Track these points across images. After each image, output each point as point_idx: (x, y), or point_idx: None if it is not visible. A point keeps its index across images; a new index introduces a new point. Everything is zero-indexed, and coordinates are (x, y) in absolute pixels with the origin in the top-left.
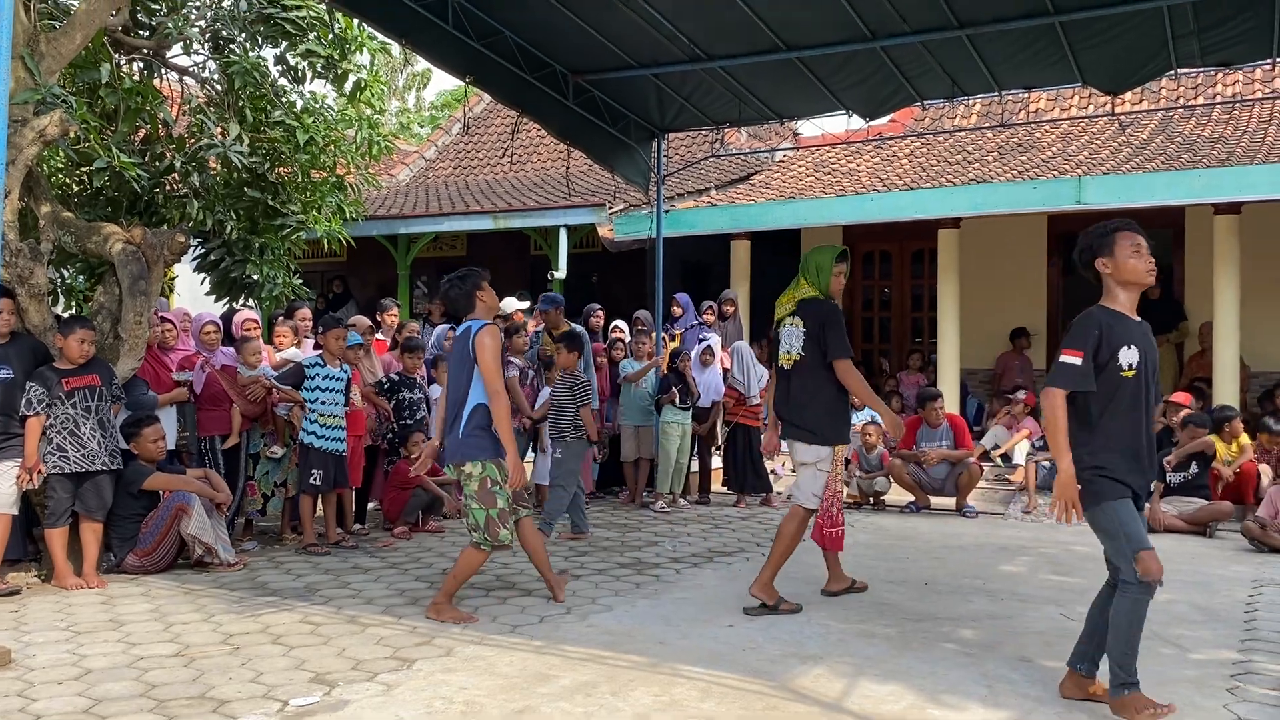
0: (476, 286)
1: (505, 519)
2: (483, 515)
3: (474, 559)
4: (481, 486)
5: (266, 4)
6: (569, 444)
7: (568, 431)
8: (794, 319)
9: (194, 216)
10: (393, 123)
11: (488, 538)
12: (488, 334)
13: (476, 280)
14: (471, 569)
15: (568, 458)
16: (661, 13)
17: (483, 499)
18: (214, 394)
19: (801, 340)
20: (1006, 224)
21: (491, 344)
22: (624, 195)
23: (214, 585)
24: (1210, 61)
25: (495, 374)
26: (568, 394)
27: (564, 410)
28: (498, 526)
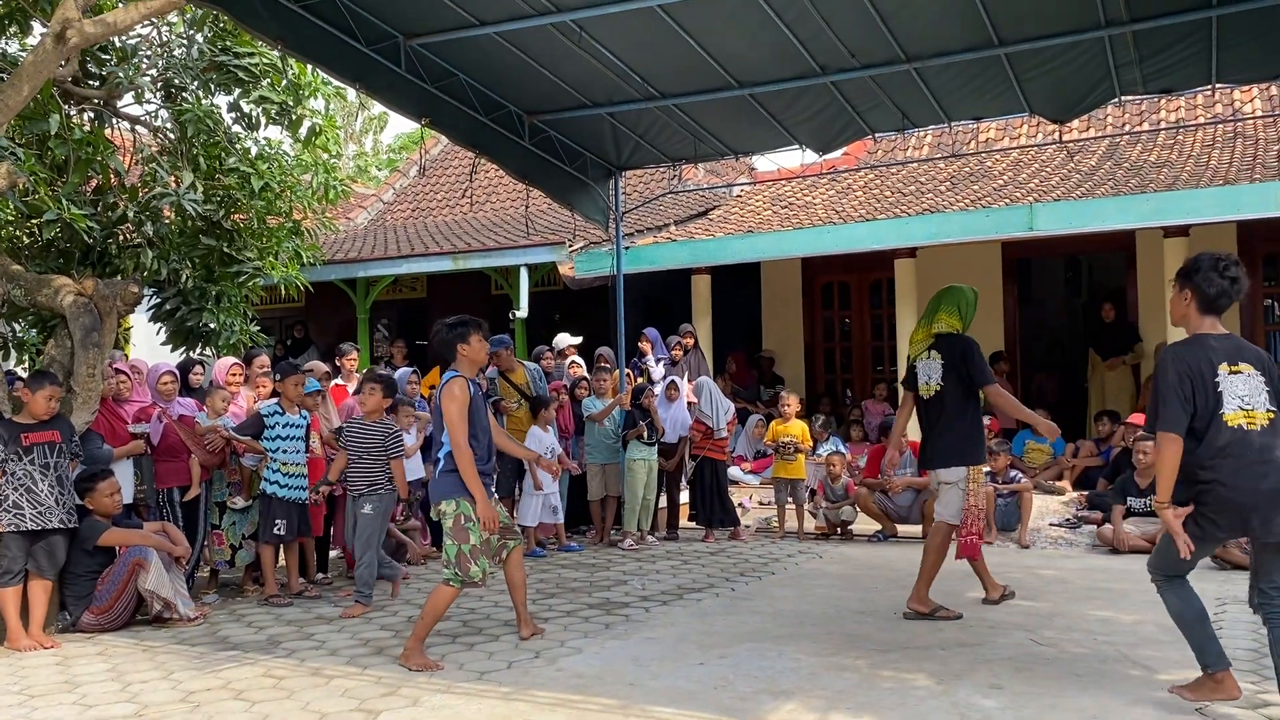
0: (460, 339)
1: (477, 555)
2: (454, 550)
3: (444, 595)
4: (455, 523)
5: (218, 52)
6: (381, 498)
7: (381, 484)
8: (931, 353)
9: (148, 266)
10: (350, 166)
11: (458, 573)
12: (453, 386)
13: (462, 332)
14: (441, 607)
15: (377, 515)
16: (614, 53)
17: (455, 534)
18: (171, 445)
19: (940, 372)
20: (962, 252)
21: (456, 396)
22: (584, 233)
23: (173, 641)
24: (1152, 89)
25: (455, 427)
26: (379, 443)
27: (374, 462)
28: (468, 562)
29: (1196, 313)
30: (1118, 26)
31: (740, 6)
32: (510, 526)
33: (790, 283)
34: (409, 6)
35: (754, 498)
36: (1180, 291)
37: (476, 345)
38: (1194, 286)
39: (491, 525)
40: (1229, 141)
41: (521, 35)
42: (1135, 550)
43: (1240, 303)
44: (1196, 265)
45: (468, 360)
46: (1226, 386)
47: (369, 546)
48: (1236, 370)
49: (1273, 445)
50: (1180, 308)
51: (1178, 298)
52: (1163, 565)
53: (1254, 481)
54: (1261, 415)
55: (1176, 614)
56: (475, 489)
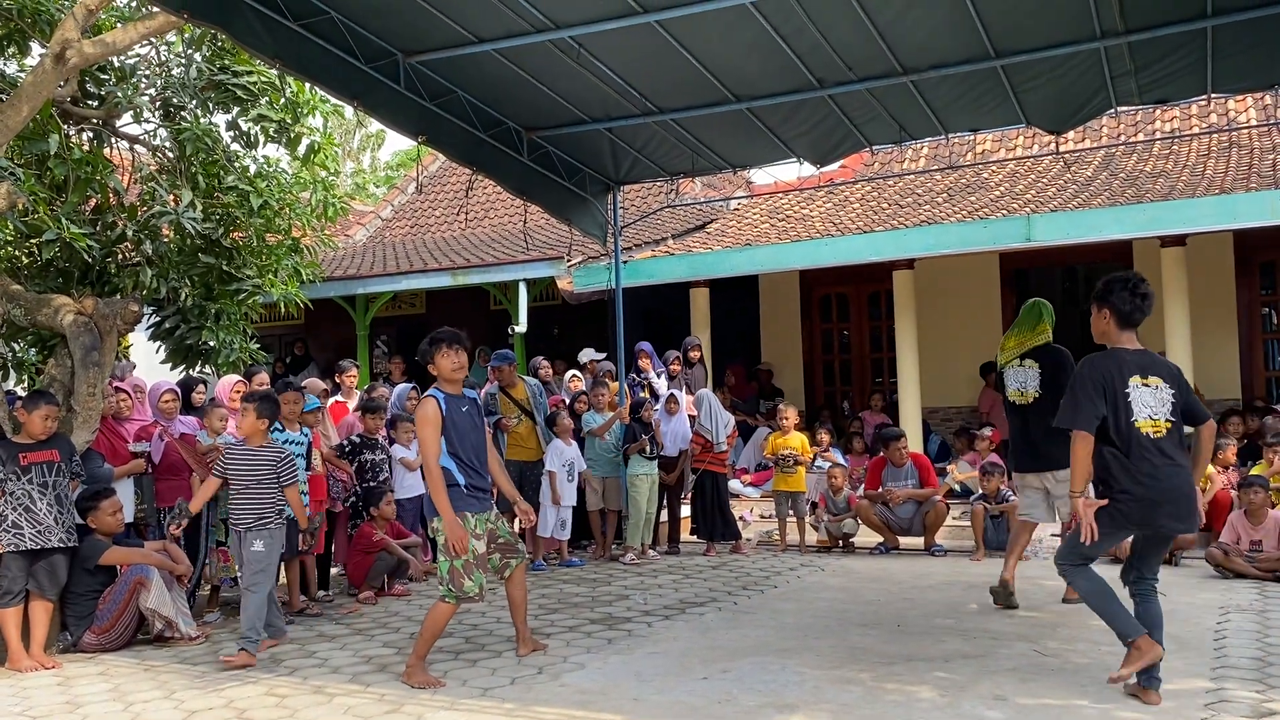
0: (427, 359)
1: (471, 570)
2: (447, 566)
3: (442, 612)
4: (445, 541)
5: (217, 70)
6: (271, 533)
7: (271, 518)
8: (1026, 361)
9: (148, 285)
10: (348, 184)
11: (452, 589)
12: (425, 407)
13: (428, 351)
14: (439, 624)
15: (269, 552)
16: (612, 68)
17: (446, 551)
18: (173, 463)
19: (1037, 380)
20: (959, 263)
21: (429, 417)
22: (581, 247)
23: (175, 660)
24: (1148, 99)
25: (425, 444)
26: (268, 471)
27: (263, 492)
28: (461, 577)
29: (1115, 329)
30: (1113, 38)
31: (737, 21)
32: (512, 544)
33: (788, 295)
34: (408, 24)
35: (755, 511)
36: (1100, 310)
37: (443, 363)
38: (1111, 306)
39: (459, 547)
40: (1224, 151)
41: (520, 52)
42: None
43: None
44: (1111, 286)
45: (439, 373)
46: (1136, 397)
47: (256, 588)
48: (1147, 383)
49: (1172, 451)
50: (1100, 325)
51: (1097, 316)
52: (1071, 556)
53: (1157, 483)
54: (1163, 424)
55: (1086, 594)
56: (442, 508)
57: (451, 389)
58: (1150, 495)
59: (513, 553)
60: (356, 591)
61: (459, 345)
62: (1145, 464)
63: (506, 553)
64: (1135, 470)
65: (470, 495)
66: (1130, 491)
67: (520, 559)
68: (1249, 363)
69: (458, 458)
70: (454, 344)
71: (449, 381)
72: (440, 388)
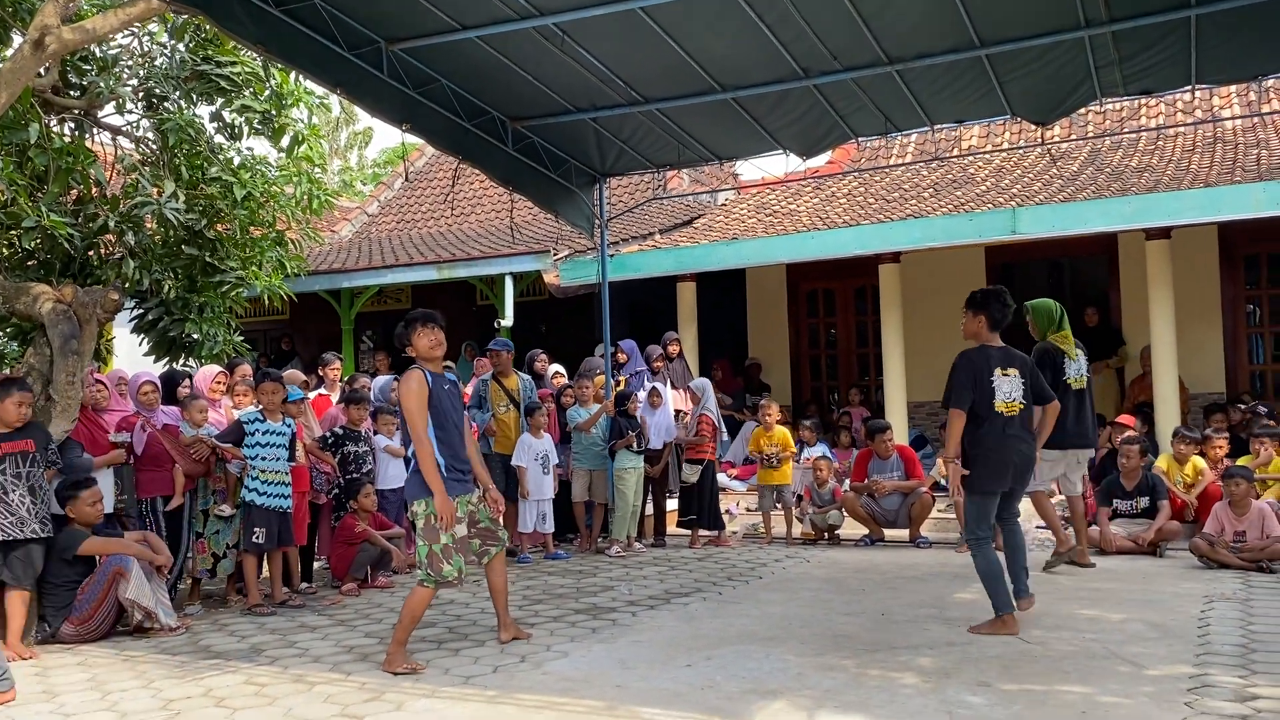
0: (410, 331)
1: (450, 554)
2: (425, 550)
3: (420, 596)
4: (426, 523)
5: (200, 61)
6: None
7: None
8: (1079, 352)
9: (130, 276)
10: (335, 181)
11: (430, 573)
12: (410, 378)
13: (413, 326)
14: (418, 609)
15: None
16: (597, 57)
17: (426, 534)
18: (155, 454)
19: (1087, 367)
20: (945, 257)
21: (413, 387)
22: (568, 241)
23: (154, 651)
24: (1132, 90)
25: (413, 417)
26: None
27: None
28: (440, 561)
29: (985, 331)
30: (1097, 27)
31: (722, 9)
32: (493, 530)
33: (775, 290)
34: (391, 11)
35: (741, 504)
36: (975, 316)
37: (420, 341)
38: (986, 313)
39: (448, 521)
40: (1209, 145)
41: (504, 39)
42: (1121, 551)
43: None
44: (986, 299)
45: (418, 352)
46: (998, 384)
47: None
48: (1006, 374)
49: (1020, 428)
50: (974, 327)
51: (972, 320)
52: (973, 527)
53: (1009, 451)
54: (1016, 405)
55: (984, 570)
56: (433, 482)
57: (432, 367)
58: (1003, 460)
59: (493, 539)
60: (339, 583)
61: (434, 323)
62: (1000, 436)
63: (487, 538)
64: (993, 441)
65: (451, 476)
66: (988, 458)
67: (501, 545)
68: (1233, 356)
69: (439, 437)
70: (429, 322)
71: (428, 360)
72: (421, 366)
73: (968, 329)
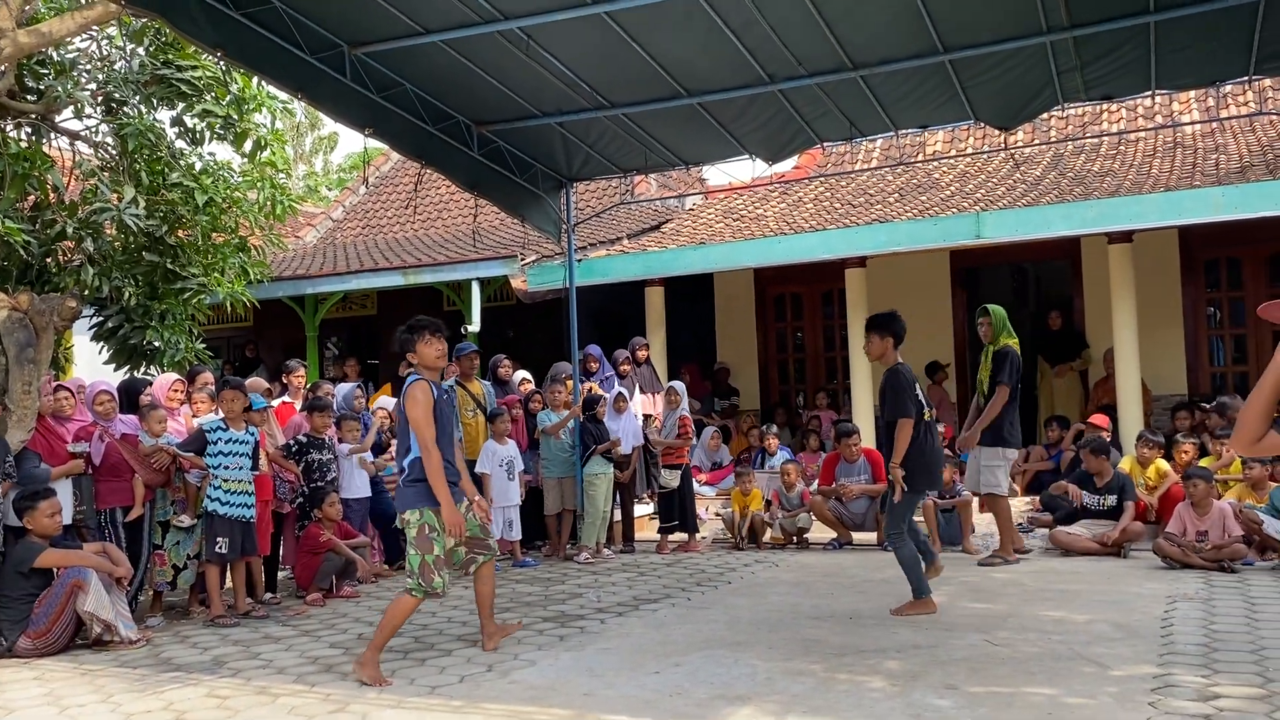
0: (408, 346)
1: (440, 566)
2: (417, 560)
3: (405, 605)
4: (420, 533)
5: (160, 65)
6: None
7: None
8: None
9: (89, 283)
10: (299, 186)
11: (420, 583)
12: (414, 390)
13: (408, 340)
14: (401, 616)
15: None
16: (563, 61)
17: (419, 545)
18: (114, 464)
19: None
20: (911, 261)
21: (420, 398)
22: (536, 246)
23: (114, 664)
24: (1094, 95)
25: (421, 427)
26: None
27: None
28: (431, 572)
29: (891, 350)
30: (1059, 32)
31: (687, 14)
32: (483, 540)
33: (743, 294)
34: (353, 15)
35: (710, 509)
36: (882, 338)
37: (424, 350)
38: (894, 334)
39: (457, 531)
40: (1169, 151)
41: (468, 44)
42: (1087, 552)
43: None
44: (891, 321)
45: (421, 360)
46: (921, 396)
47: None
48: (919, 386)
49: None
50: (881, 347)
51: (880, 342)
52: (894, 524)
53: (937, 455)
54: (931, 413)
55: (908, 560)
56: (441, 493)
57: (432, 376)
58: (934, 463)
59: (482, 548)
60: (304, 593)
61: (439, 333)
62: (931, 442)
63: (475, 547)
64: (926, 447)
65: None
66: (921, 462)
67: (490, 554)
68: (1195, 359)
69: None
70: (435, 331)
71: (430, 369)
72: (421, 375)
73: (874, 350)
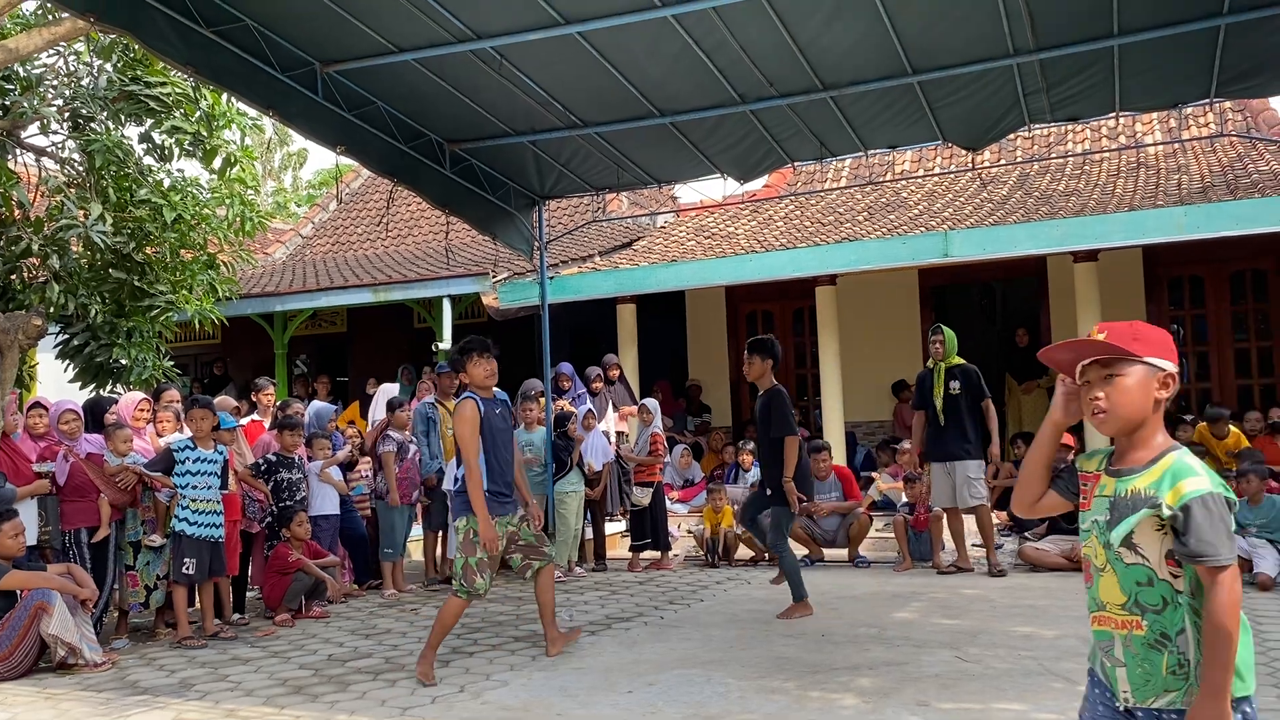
0: (465, 360)
1: (484, 569)
2: (461, 563)
3: (453, 606)
4: (465, 538)
5: (128, 81)
6: None
7: None
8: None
9: (54, 301)
10: (269, 203)
11: (464, 585)
12: (464, 408)
13: (469, 354)
14: (451, 618)
15: None
16: (535, 80)
17: (464, 549)
18: (79, 484)
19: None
20: (880, 279)
21: (467, 416)
22: (507, 264)
23: (78, 688)
24: (1059, 116)
25: (466, 444)
26: None
27: None
28: (474, 574)
29: (769, 372)
30: (1025, 55)
31: (659, 34)
32: (536, 546)
33: (715, 312)
34: (325, 33)
35: (682, 526)
36: (764, 360)
37: (475, 370)
38: (773, 356)
39: (491, 545)
40: (1133, 171)
41: (441, 62)
42: (1056, 568)
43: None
44: (770, 345)
45: (471, 379)
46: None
47: None
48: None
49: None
50: (761, 368)
51: (761, 363)
52: (784, 533)
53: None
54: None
55: (791, 567)
56: (478, 508)
57: (485, 394)
58: (808, 476)
59: (537, 554)
60: (272, 614)
61: (489, 353)
62: (808, 458)
63: (529, 554)
64: (806, 461)
65: (493, 498)
66: (805, 475)
67: (545, 561)
68: None
69: (486, 462)
70: (485, 352)
71: (481, 388)
72: (474, 393)
73: (755, 370)
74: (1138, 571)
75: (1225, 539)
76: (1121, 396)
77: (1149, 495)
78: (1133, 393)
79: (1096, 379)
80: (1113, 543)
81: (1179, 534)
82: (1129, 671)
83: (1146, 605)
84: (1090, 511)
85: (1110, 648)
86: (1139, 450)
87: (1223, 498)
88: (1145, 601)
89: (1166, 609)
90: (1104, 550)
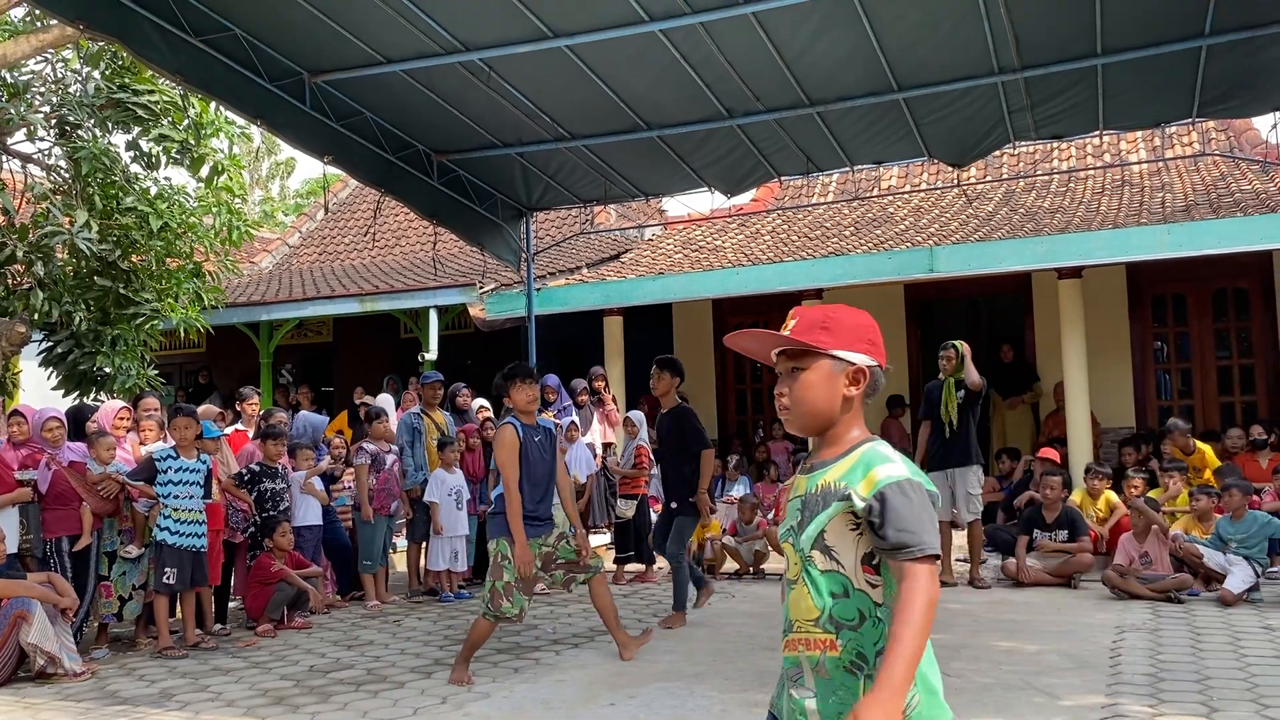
0: (509, 385)
1: (511, 592)
2: (489, 585)
3: (480, 628)
4: (494, 560)
5: (116, 88)
6: None
7: None
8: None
9: (39, 308)
10: (256, 211)
11: (490, 608)
12: (503, 433)
13: (512, 380)
14: (481, 636)
15: None
16: (523, 93)
17: (492, 571)
18: (61, 493)
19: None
20: (866, 293)
21: (506, 441)
22: (495, 275)
23: (57, 698)
24: (1044, 134)
25: (505, 469)
26: None
27: None
28: (500, 598)
29: (674, 389)
30: (1010, 73)
31: (647, 48)
32: (576, 562)
33: (702, 325)
34: (314, 43)
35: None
36: (672, 377)
37: (518, 395)
38: (680, 375)
39: (526, 568)
40: (1117, 189)
41: (429, 74)
42: (1038, 583)
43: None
44: (676, 363)
45: (514, 403)
46: None
47: None
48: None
49: None
50: (668, 385)
51: (669, 380)
52: (678, 545)
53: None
54: None
55: (681, 578)
56: (515, 530)
57: (527, 420)
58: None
59: (579, 569)
60: (254, 624)
61: (533, 379)
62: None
63: (571, 569)
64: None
65: (526, 521)
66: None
67: (591, 573)
68: (1143, 392)
69: (522, 485)
70: (528, 378)
71: (524, 413)
72: (516, 418)
73: (663, 386)
74: (832, 580)
75: (929, 527)
76: (804, 393)
77: (840, 488)
78: (816, 389)
79: (784, 372)
80: (804, 547)
81: (876, 528)
82: (820, 702)
83: (842, 620)
84: (785, 520)
85: (799, 676)
86: (831, 446)
87: (922, 486)
88: (840, 616)
89: (864, 624)
90: (798, 558)
